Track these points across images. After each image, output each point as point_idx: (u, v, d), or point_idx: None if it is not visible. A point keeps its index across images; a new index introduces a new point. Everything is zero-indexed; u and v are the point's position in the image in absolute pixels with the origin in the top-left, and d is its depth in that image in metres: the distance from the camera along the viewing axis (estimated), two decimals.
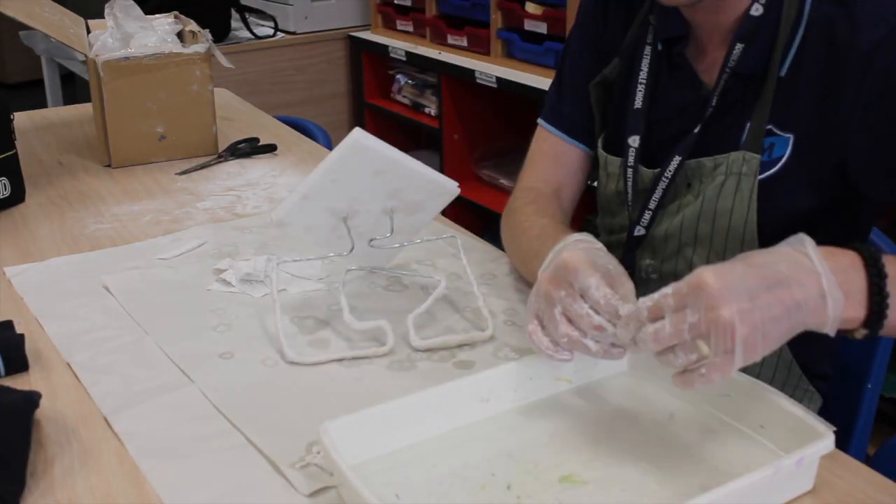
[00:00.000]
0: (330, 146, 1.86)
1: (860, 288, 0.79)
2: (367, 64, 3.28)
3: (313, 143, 1.81)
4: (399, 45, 3.08)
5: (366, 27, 3.33)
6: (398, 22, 3.18)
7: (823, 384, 1.19)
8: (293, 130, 1.86)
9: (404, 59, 3.05)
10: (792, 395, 1.14)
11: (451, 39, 2.92)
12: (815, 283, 0.76)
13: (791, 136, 1.03)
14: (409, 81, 3.16)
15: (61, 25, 1.68)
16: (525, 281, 1.16)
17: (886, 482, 0.80)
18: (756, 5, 1.02)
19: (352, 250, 1.07)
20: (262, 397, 0.93)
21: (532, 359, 0.90)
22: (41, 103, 2.87)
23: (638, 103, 1.12)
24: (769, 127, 1.03)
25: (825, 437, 0.76)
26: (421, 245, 1.20)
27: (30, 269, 1.22)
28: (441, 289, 1.08)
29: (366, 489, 0.69)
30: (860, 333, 0.82)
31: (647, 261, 1.16)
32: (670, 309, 0.76)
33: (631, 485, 0.78)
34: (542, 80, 2.49)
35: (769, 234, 1.04)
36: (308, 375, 0.96)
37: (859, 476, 0.81)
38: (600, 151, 1.20)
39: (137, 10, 1.65)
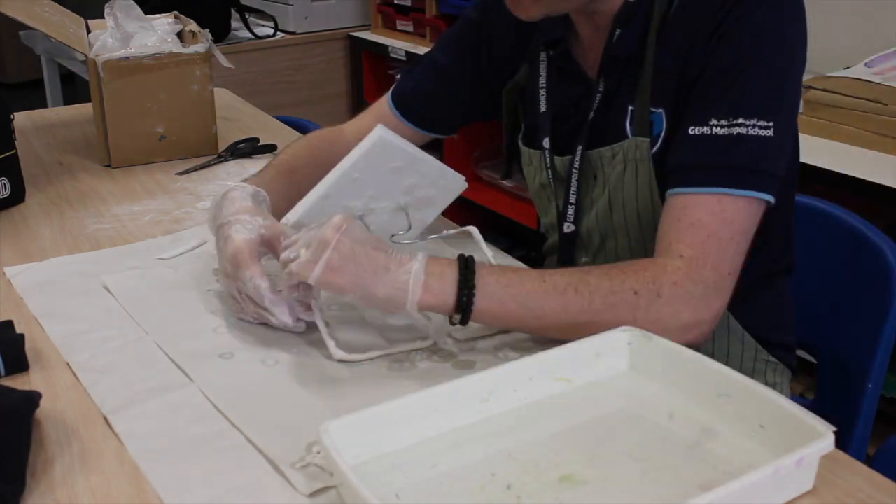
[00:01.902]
0: None
1: (451, 280, 0.94)
2: (367, 64, 3.28)
3: None
4: (399, 45, 3.08)
5: (366, 27, 3.34)
6: (398, 22, 3.18)
7: (788, 355, 1.21)
8: (293, 130, 1.86)
9: (404, 59, 3.05)
10: (753, 368, 1.16)
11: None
12: (407, 263, 0.94)
13: (662, 111, 1.07)
14: None
15: (61, 25, 1.68)
16: None
17: (886, 482, 0.80)
18: None
19: None
20: (262, 397, 0.93)
21: (532, 359, 0.90)
22: (41, 103, 2.87)
23: (543, 106, 1.19)
24: (650, 108, 1.07)
25: (825, 437, 0.76)
26: (433, 240, 1.20)
27: (30, 269, 1.22)
28: None
29: (366, 489, 0.69)
30: (455, 318, 0.96)
31: (583, 259, 1.19)
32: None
33: (631, 485, 0.78)
34: None
35: None
36: (308, 375, 0.96)
37: (859, 476, 0.81)
38: (521, 147, 1.25)
39: (137, 10, 1.65)
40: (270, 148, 1.69)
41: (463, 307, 0.95)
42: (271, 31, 3.22)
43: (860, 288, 1.25)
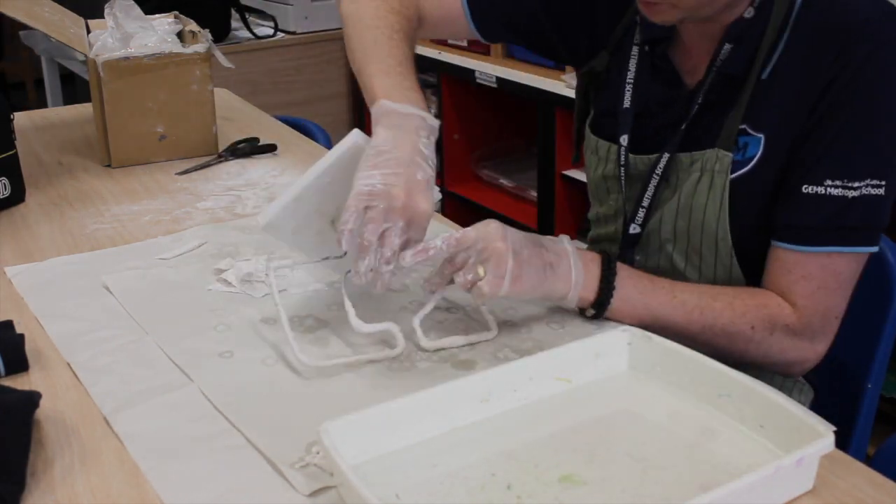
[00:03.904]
0: (330, 146, 1.85)
1: (595, 276, 1.03)
2: None
3: (313, 143, 1.81)
4: None
5: None
6: None
7: (814, 376, 1.20)
8: (293, 130, 1.86)
9: None
10: (781, 387, 1.15)
11: (451, 39, 2.92)
12: (566, 256, 1.02)
13: (762, 136, 1.05)
14: None
15: (61, 25, 1.68)
16: None
17: (886, 482, 0.80)
18: (750, 8, 1.05)
19: (345, 253, 1.06)
20: (262, 397, 0.93)
21: (532, 359, 0.90)
22: (41, 103, 2.87)
23: (626, 103, 1.16)
24: (743, 126, 1.06)
25: (825, 437, 0.76)
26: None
27: (30, 269, 1.22)
28: (442, 290, 1.08)
29: (366, 489, 0.69)
30: (589, 312, 1.04)
31: (637, 257, 1.18)
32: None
33: (631, 485, 0.78)
34: (541, 80, 2.49)
35: (741, 232, 1.08)
36: (308, 375, 0.96)
37: (859, 476, 0.81)
38: (588, 134, 1.24)
39: (137, 10, 1.65)
40: (270, 148, 1.69)
41: (600, 304, 1.03)
42: (271, 31, 3.22)
43: (860, 288, 1.25)
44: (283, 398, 0.93)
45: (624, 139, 1.16)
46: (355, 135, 1.00)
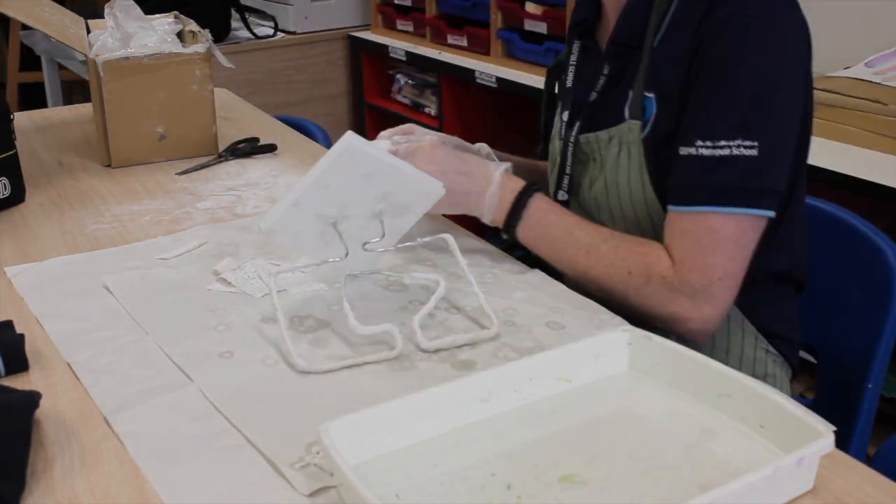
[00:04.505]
0: (330, 146, 1.85)
1: (508, 204, 1.16)
2: (367, 64, 3.28)
3: (313, 143, 1.81)
4: (399, 45, 3.08)
5: (366, 27, 3.34)
6: (398, 22, 3.18)
7: (790, 349, 1.21)
8: (293, 130, 1.86)
9: (404, 59, 3.05)
10: (754, 356, 1.17)
11: (451, 39, 2.92)
12: (486, 185, 1.17)
13: (653, 96, 1.11)
14: (409, 81, 3.16)
15: (61, 25, 1.68)
16: (525, 280, 1.16)
17: (886, 482, 0.80)
18: None
19: (346, 255, 1.06)
20: (262, 397, 0.93)
21: (532, 359, 0.90)
22: (41, 103, 2.87)
23: (569, 83, 1.27)
24: (646, 94, 1.12)
25: (825, 437, 0.76)
26: (421, 246, 1.20)
27: (30, 269, 1.22)
28: (441, 289, 1.08)
29: (366, 489, 0.69)
30: (504, 235, 1.18)
31: None
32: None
33: (631, 485, 0.78)
34: (542, 80, 2.48)
35: (665, 198, 1.11)
36: (308, 375, 0.96)
37: (859, 476, 0.81)
38: (557, 121, 1.32)
39: (137, 10, 1.65)
40: (270, 148, 1.69)
41: (509, 230, 1.17)
42: (271, 31, 3.22)
43: (860, 288, 1.25)
44: (283, 398, 0.93)
45: (564, 115, 1.25)
46: (350, 136, 1.00)
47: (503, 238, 1.19)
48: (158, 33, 1.65)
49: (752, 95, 1.04)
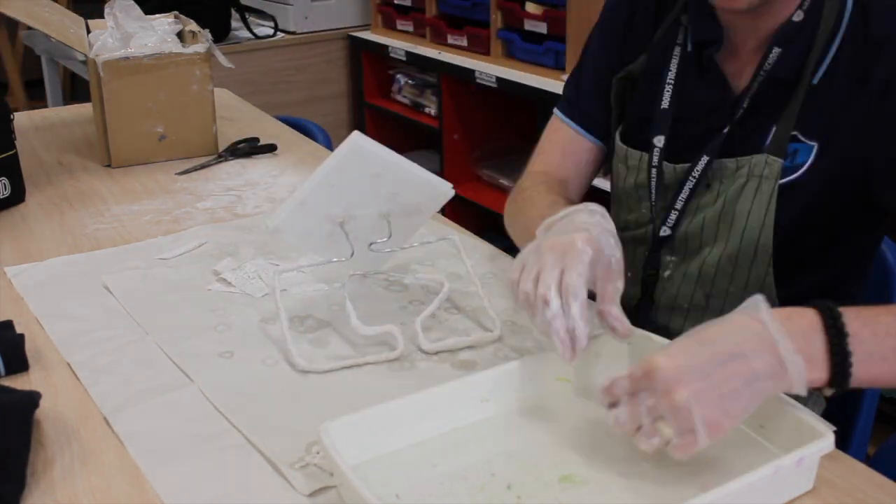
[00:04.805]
0: (330, 146, 1.86)
1: (820, 349, 0.78)
2: (367, 64, 3.28)
3: (313, 143, 1.81)
4: (399, 45, 3.08)
5: (366, 27, 3.33)
6: (398, 22, 3.18)
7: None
8: (293, 130, 1.86)
9: (404, 59, 3.05)
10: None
11: (451, 39, 2.92)
12: (771, 351, 0.76)
13: (815, 145, 1.03)
14: (409, 81, 3.16)
15: (61, 25, 1.68)
16: None
17: (886, 482, 0.80)
18: (798, 11, 1.03)
19: (352, 255, 1.06)
20: (262, 397, 0.93)
21: (532, 359, 0.90)
22: (41, 103, 2.87)
23: (665, 104, 1.13)
24: (794, 133, 1.04)
25: (825, 437, 0.76)
26: (421, 246, 1.20)
27: (30, 269, 1.22)
28: (445, 291, 1.08)
29: (366, 489, 0.69)
30: (827, 392, 0.81)
31: (668, 258, 1.16)
32: (625, 393, 0.77)
33: (631, 485, 0.78)
34: (542, 80, 2.49)
35: (782, 240, 1.06)
36: (308, 375, 0.96)
37: (859, 476, 0.81)
38: (618, 144, 1.20)
39: (137, 10, 1.65)
40: (270, 148, 1.69)
41: (838, 380, 0.78)
42: (271, 31, 3.22)
43: (860, 288, 1.25)
44: (284, 398, 0.93)
45: (659, 140, 1.12)
46: (356, 136, 1.00)
47: (824, 396, 0.86)
48: (158, 33, 1.65)
49: None
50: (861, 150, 1.01)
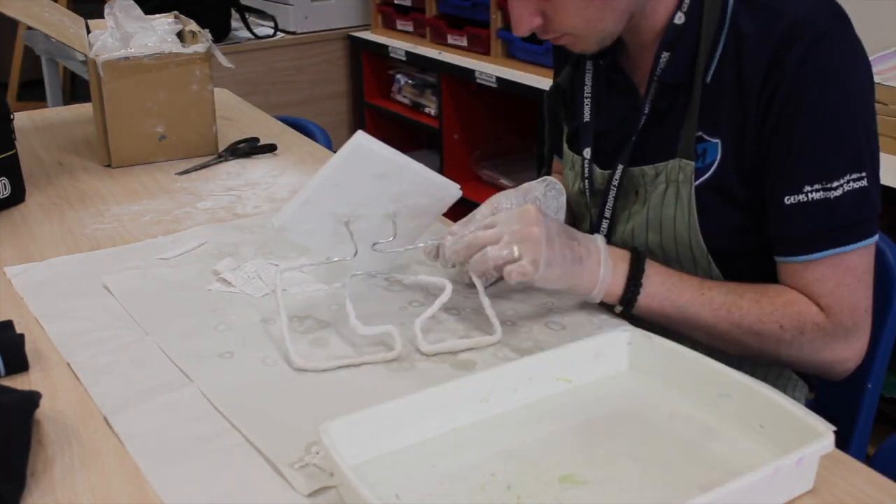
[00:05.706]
0: (330, 146, 1.86)
1: (622, 273, 1.04)
2: (367, 64, 3.28)
3: (313, 143, 1.81)
4: (399, 45, 3.08)
5: (366, 27, 3.34)
6: (398, 22, 3.18)
7: (811, 374, 1.19)
8: (293, 130, 1.86)
9: (404, 59, 3.05)
10: (775, 383, 1.15)
11: (451, 39, 2.92)
12: (596, 253, 1.04)
13: (719, 142, 1.05)
14: (409, 81, 3.17)
15: (61, 25, 1.68)
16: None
17: (886, 482, 0.80)
18: (679, 14, 1.05)
19: (356, 254, 1.06)
20: (262, 397, 0.93)
21: (532, 359, 0.90)
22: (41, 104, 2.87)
23: (586, 116, 1.18)
24: (699, 133, 1.06)
25: (825, 437, 0.76)
26: (422, 247, 1.19)
27: (30, 269, 1.22)
28: (447, 293, 1.08)
29: (366, 489, 0.69)
30: (617, 309, 1.05)
31: None
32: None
33: (631, 485, 0.78)
34: (542, 81, 2.49)
35: (714, 236, 1.07)
36: (308, 375, 0.96)
37: (859, 476, 0.81)
38: (566, 150, 1.24)
39: (137, 10, 1.65)
40: (270, 148, 1.69)
41: (627, 301, 1.04)
42: (271, 31, 3.22)
43: None
44: (284, 398, 0.93)
45: (587, 152, 1.17)
46: (360, 136, 1.00)
47: (615, 312, 1.07)
48: (158, 33, 1.65)
49: (851, 121, 1.00)
50: (753, 144, 1.03)
